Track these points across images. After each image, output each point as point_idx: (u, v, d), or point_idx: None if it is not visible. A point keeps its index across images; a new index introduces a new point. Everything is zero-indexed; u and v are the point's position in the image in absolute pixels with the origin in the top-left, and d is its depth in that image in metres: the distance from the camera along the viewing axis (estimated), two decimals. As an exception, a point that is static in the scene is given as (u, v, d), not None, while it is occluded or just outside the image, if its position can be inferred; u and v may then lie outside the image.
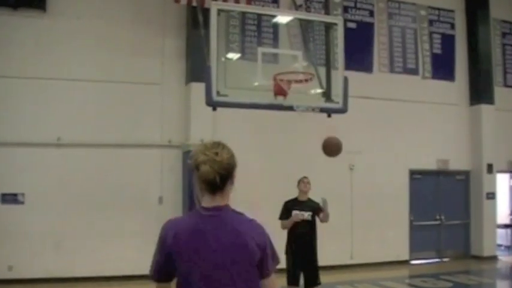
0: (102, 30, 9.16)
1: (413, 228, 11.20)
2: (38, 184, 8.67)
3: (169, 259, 2.02)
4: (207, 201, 2.06)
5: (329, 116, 7.10)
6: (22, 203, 8.63)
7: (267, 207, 6.65)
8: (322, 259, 6.70)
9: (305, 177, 6.68)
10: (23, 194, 8.66)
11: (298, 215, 6.36)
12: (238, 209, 2.13)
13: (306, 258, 6.37)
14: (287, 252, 6.36)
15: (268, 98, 6.61)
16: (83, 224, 8.78)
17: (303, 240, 6.36)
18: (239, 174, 2.13)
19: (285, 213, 6.50)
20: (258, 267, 2.02)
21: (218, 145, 2.06)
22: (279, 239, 4.68)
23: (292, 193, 6.70)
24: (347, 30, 7.88)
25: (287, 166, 9.38)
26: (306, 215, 6.40)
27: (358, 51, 10.37)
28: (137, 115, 9.34)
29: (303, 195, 6.58)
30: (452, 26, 11.96)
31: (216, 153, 2.01)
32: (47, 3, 8.91)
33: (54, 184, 8.72)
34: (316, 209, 6.44)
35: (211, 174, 1.99)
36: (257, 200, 7.43)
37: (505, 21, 12.52)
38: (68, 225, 8.72)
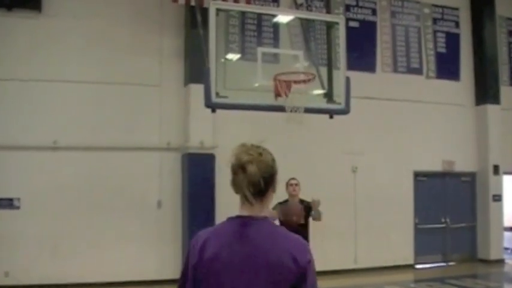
0: (98, 31, 9.01)
1: (418, 232, 11.00)
2: (34, 188, 8.51)
3: (193, 273, 1.80)
4: (243, 209, 1.83)
5: (331, 117, 6.97)
6: (18, 207, 8.49)
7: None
8: (325, 264, 6.54)
9: (293, 179, 6.43)
10: (18, 199, 8.51)
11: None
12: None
13: None
14: None
15: (269, 99, 6.50)
16: (80, 229, 8.64)
17: None
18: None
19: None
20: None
21: (258, 146, 1.87)
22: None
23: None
24: (349, 29, 7.74)
25: (288, 168, 9.18)
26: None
27: (361, 51, 10.22)
28: (135, 117, 9.18)
29: (292, 198, 6.38)
30: (457, 24, 11.75)
31: (260, 154, 1.82)
32: (42, 4, 8.76)
33: (50, 188, 8.56)
34: (308, 209, 6.27)
35: (258, 176, 1.77)
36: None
37: (511, 19, 12.30)
38: (65, 230, 8.58)
